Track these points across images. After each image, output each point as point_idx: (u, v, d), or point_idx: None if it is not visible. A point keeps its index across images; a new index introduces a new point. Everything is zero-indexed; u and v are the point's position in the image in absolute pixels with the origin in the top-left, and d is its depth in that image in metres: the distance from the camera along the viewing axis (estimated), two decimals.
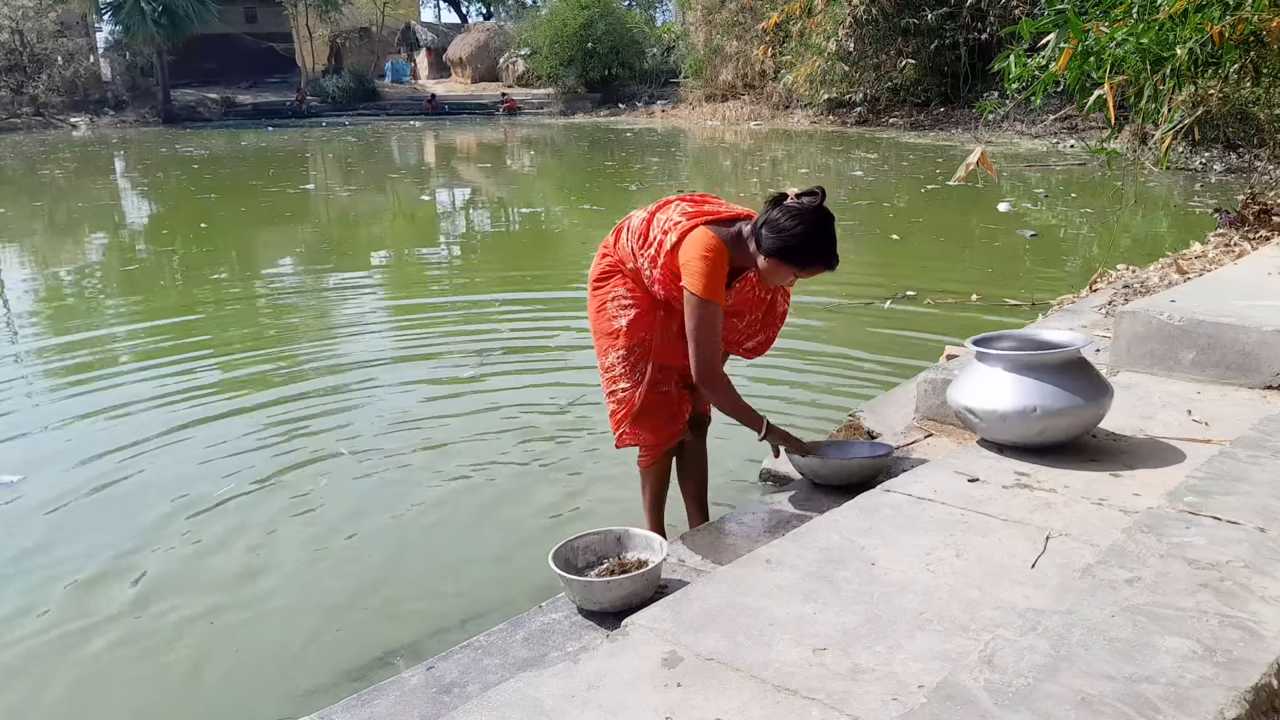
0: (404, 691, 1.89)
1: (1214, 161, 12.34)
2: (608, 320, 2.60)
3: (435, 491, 3.64)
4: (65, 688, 2.55)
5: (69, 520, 3.46)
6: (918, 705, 1.38)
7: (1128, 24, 5.00)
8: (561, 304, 6.84)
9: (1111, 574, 1.69)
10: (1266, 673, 1.38)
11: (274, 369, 5.26)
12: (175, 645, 2.71)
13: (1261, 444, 2.26)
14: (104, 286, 7.92)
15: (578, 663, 1.68)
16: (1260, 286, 3.44)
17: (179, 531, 3.35)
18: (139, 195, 14.63)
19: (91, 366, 5.36)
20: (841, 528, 2.12)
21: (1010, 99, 6.21)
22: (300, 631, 2.76)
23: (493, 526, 3.37)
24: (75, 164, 19.55)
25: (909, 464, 2.77)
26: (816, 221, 2.31)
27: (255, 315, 6.69)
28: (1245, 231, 5.66)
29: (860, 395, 4.26)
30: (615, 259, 2.59)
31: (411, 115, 32.02)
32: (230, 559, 3.17)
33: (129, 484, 3.75)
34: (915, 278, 6.84)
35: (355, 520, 3.42)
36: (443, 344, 5.75)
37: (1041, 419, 2.39)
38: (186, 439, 4.19)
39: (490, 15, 45.44)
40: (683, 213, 2.45)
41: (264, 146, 22.38)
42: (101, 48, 34.45)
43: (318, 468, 3.87)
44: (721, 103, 26.29)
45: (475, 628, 2.43)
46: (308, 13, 36.07)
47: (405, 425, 4.31)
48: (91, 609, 2.90)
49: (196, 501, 3.56)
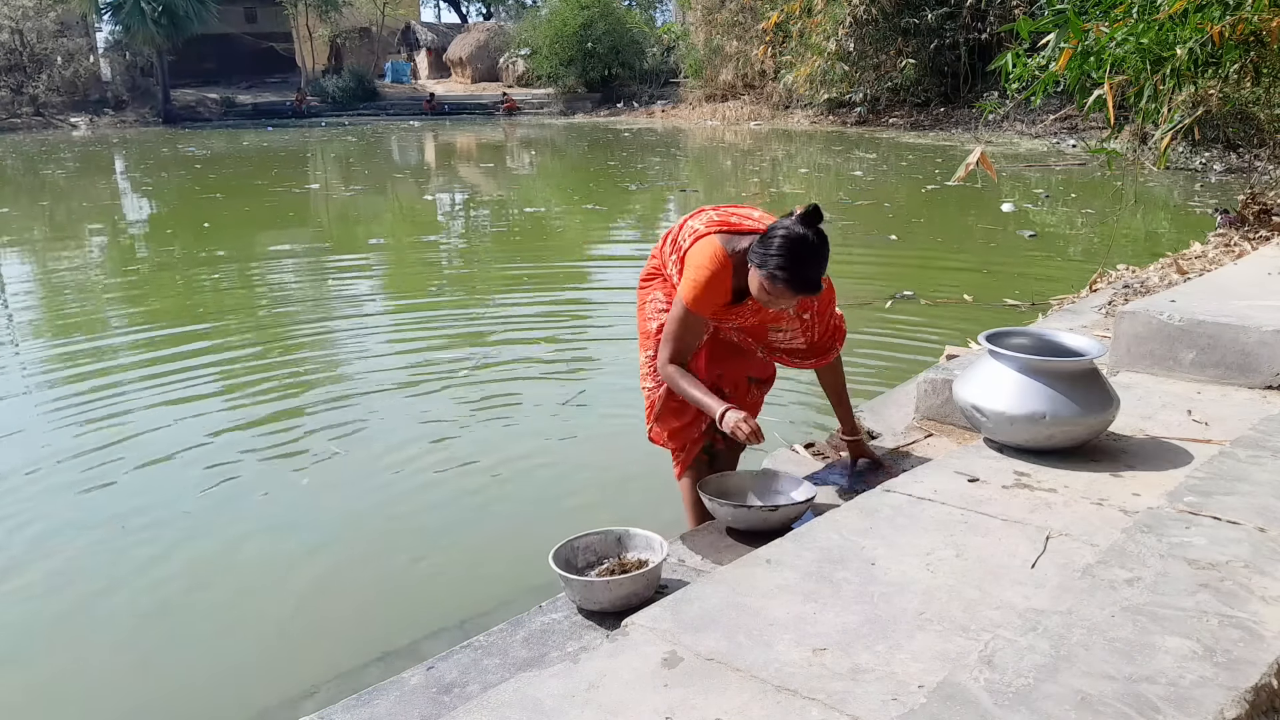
0: (404, 691, 1.89)
1: (1214, 161, 12.34)
2: (644, 321, 2.68)
3: (434, 491, 3.64)
4: (64, 688, 2.55)
5: (74, 515, 3.46)
6: (918, 705, 1.38)
7: (1128, 24, 4.99)
8: (562, 302, 6.84)
9: (1111, 574, 1.69)
10: (1266, 673, 1.38)
11: (274, 369, 5.26)
12: (174, 645, 2.71)
13: (1261, 444, 2.26)
14: (110, 285, 7.91)
15: (578, 663, 1.68)
16: (1260, 286, 3.44)
17: (175, 531, 3.35)
18: (144, 196, 14.62)
19: (91, 358, 5.37)
20: (841, 528, 2.12)
21: (1010, 99, 6.20)
22: (300, 631, 2.76)
23: (492, 526, 3.37)
24: (77, 164, 19.54)
25: (909, 464, 2.77)
26: (799, 243, 2.22)
27: (259, 315, 6.68)
28: (1245, 231, 5.66)
29: (860, 395, 4.26)
30: (659, 263, 2.65)
31: (411, 115, 32.01)
32: (228, 559, 3.17)
33: (127, 482, 3.75)
34: (915, 278, 6.84)
35: (353, 520, 3.42)
36: (442, 343, 5.75)
37: (1050, 426, 2.37)
38: (184, 439, 4.19)
39: (490, 15, 45.44)
40: (707, 221, 2.46)
41: (265, 146, 22.38)
42: (101, 48, 34.44)
43: (317, 467, 3.87)
44: (721, 103, 26.30)
45: (475, 628, 2.43)
46: (308, 13, 36.06)
47: (403, 425, 4.31)
48: (91, 608, 2.90)
49: (193, 501, 3.56)
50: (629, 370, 3.66)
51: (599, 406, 4.50)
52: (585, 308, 6.82)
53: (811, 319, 2.58)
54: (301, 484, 3.72)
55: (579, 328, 6.25)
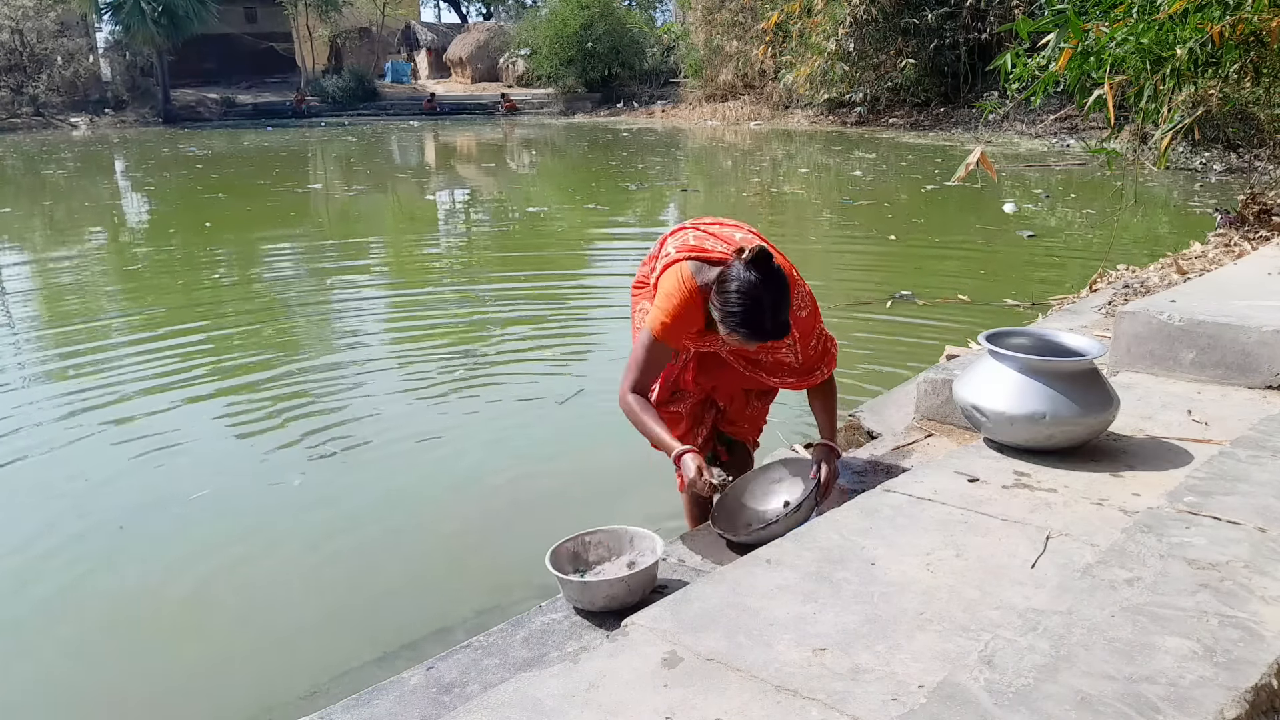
0: (404, 691, 1.89)
1: (1214, 161, 12.34)
2: (634, 329, 2.63)
3: (433, 491, 3.64)
4: (62, 688, 2.55)
5: (71, 513, 3.46)
6: (918, 705, 1.38)
7: (1128, 24, 4.99)
8: (562, 302, 6.84)
9: (1111, 574, 1.69)
10: (1266, 673, 1.38)
11: (273, 367, 5.26)
12: (174, 645, 2.71)
13: (1261, 444, 2.26)
14: (111, 284, 7.92)
15: (578, 663, 1.68)
16: (1260, 286, 3.44)
17: (172, 531, 3.35)
18: (146, 195, 14.60)
19: (91, 354, 5.37)
20: (841, 528, 2.11)
21: (1010, 99, 6.20)
22: (299, 631, 2.76)
23: (492, 526, 3.37)
24: (79, 164, 19.55)
25: (909, 464, 2.77)
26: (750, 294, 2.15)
27: (258, 314, 6.68)
28: (1245, 231, 5.66)
29: (860, 395, 4.26)
30: (649, 270, 2.59)
31: (411, 115, 32.02)
32: (227, 559, 3.17)
33: (125, 482, 3.75)
34: (914, 278, 6.84)
35: (353, 520, 3.42)
36: (442, 343, 5.75)
37: (1050, 426, 2.37)
38: (181, 438, 4.19)
39: (490, 15, 45.44)
40: (680, 245, 2.40)
41: (266, 146, 22.39)
42: (101, 48, 34.43)
43: (313, 467, 3.87)
44: (721, 103, 26.30)
45: (475, 628, 2.43)
46: (308, 13, 36.06)
47: (402, 424, 4.31)
48: (89, 608, 2.90)
49: (190, 501, 3.56)
50: None
51: (599, 405, 4.50)
52: (585, 307, 6.82)
53: (794, 343, 2.47)
54: (294, 484, 3.72)
55: (579, 327, 6.25)
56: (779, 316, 2.19)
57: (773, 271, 2.19)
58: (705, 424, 2.69)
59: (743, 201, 11.97)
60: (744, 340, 2.22)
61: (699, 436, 2.66)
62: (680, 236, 2.46)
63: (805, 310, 2.42)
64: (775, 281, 2.19)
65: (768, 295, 2.17)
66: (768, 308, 2.17)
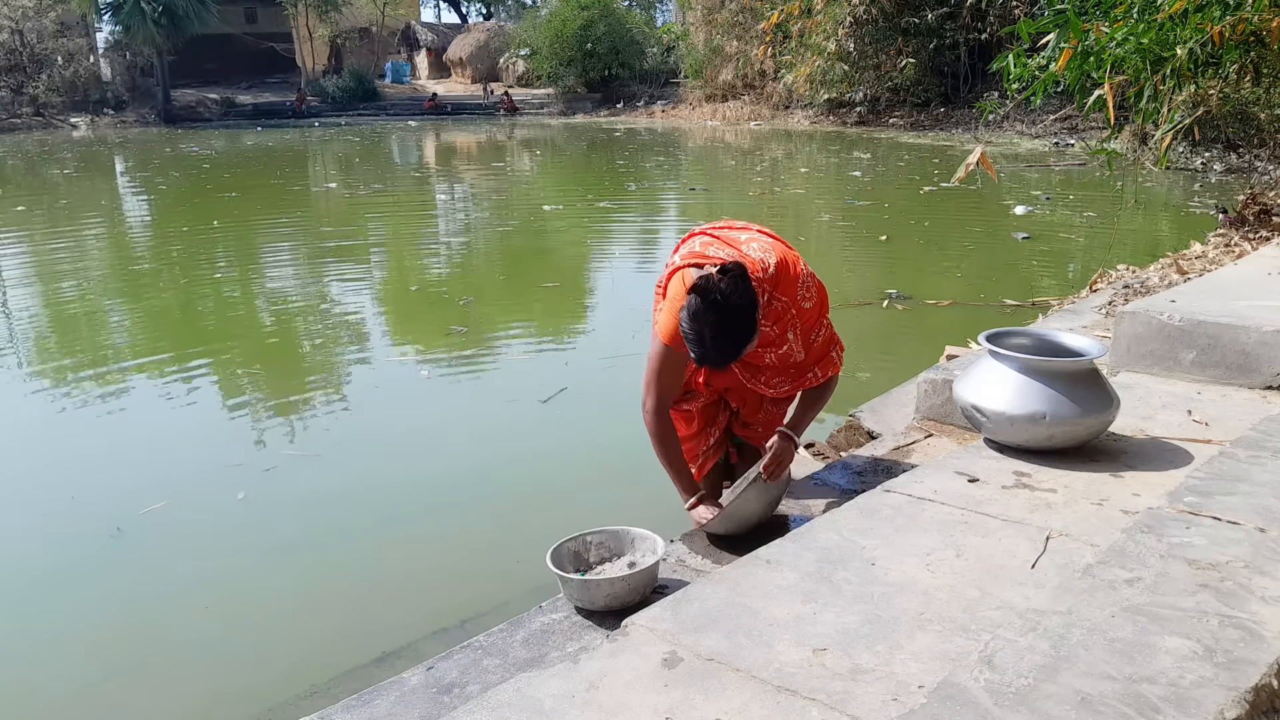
0: (404, 691, 1.89)
1: (1214, 161, 12.34)
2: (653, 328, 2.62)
3: (433, 490, 3.63)
4: (62, 687, 2.55)
5: (69, 517, 3.46)
6: (918, 705, 1.38)
7: (1128, 24, 4.99)
8: (562, 301, 6.84)
9: (1111, 574, 1.69)
10: (1266, 673, 1.38)
11: (271, 368, 5.26)
12: (173, 646, 2.71)
13: (1261, 444, 2.26)
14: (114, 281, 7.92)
15: (578, 663, 1.68)
16: (1260, 286, 3.44)
17: (171, 532, 3.35)
18: (158, 195, 14.55)
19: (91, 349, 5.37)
20: (841, 528, 2.11)
21: (1010, 99, 6.20)
22: (299, 631, 2.76)
23: (491, 526, 3.37)
24: (81, 164, 19.52)
25: (909, 464, 2.77)
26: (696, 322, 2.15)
27: (257, 314, 6.68)
28: (1245, 231, 5.66)
29: (860, 395, 4.25)
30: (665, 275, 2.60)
31: (412, 115, 32.00)
32: (226, 559, 3.17)
33: (123, 482, 3.75)
34: (913, 278, 6.84)
35: (352, 520, 3.42)
36: (441, 341, 5.75)
37: (1050, 426, 2.37)
38: (180, 438, 4.19)
39: (490, 15, 45.42)
40: (686, 252, 2.44)
41: (269, 146, 22.37)
42: (101, 48, 34.41)
43: (312, 466, 3.87)
44: (721, 103, 26.29)
45: (475, 628, 2.43)
46: (308, 13, 36.03)
47: (401, 424, 4.31)
48: (86, 612, 2.89)
49: (188, 501, 3.56)
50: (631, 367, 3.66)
51: (599, 404, 4.50)
52: (588, 308, 6.81)
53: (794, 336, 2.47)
54: (294, 484, 3.71)
55: (577, 325, 6.25)
56: (721, 341, 2.18)
57: (712, 301, 2.15)
58: (719, 425, 2.71)
59: (744, 201, 11.97)
60: (703, 365, 2.26)
61: (711, 437, 2.67)
62: (690, 243, 2.49)
63: (810, 300, 2.45)
64: (716, 308, 2.15)
65: (708, 320, 2.16)
66: (707, 333, 2.16)
